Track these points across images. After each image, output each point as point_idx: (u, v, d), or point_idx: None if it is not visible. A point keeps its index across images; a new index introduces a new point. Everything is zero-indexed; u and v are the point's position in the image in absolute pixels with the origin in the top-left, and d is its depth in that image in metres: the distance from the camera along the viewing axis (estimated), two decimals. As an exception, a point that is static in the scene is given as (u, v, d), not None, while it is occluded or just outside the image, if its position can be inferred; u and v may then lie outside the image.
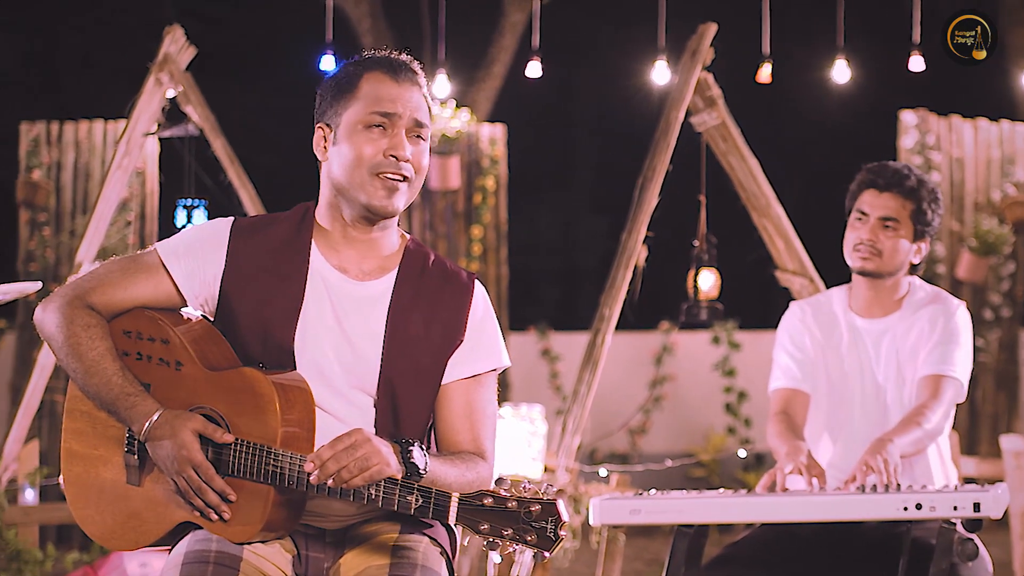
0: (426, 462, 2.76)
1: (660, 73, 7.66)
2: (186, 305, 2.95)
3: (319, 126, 2.96)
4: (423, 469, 2.74)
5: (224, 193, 6.95)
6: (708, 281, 6.25)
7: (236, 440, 2.78)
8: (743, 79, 7.60)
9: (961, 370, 4.03)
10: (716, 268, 6.25)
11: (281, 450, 2.74)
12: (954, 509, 3.40)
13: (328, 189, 2.95)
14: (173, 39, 6.65)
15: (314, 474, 2.68)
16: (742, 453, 9.56)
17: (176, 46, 6.64)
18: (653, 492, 3.74)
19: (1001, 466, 7.11)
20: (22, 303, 8.92)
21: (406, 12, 12.08)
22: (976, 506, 3.39)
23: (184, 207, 7.11)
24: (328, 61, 7.85)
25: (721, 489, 3.91)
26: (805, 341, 4.19)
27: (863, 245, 4.07)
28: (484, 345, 2.98)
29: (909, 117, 9.36)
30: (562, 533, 2.61)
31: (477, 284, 3.02)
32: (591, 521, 3.67)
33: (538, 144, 14.25)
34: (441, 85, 8.41)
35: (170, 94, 6.70)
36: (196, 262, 2.92)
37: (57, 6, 13.69)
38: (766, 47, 7.66)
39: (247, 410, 2.79)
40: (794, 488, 3.79)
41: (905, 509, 3.42)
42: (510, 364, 3.05)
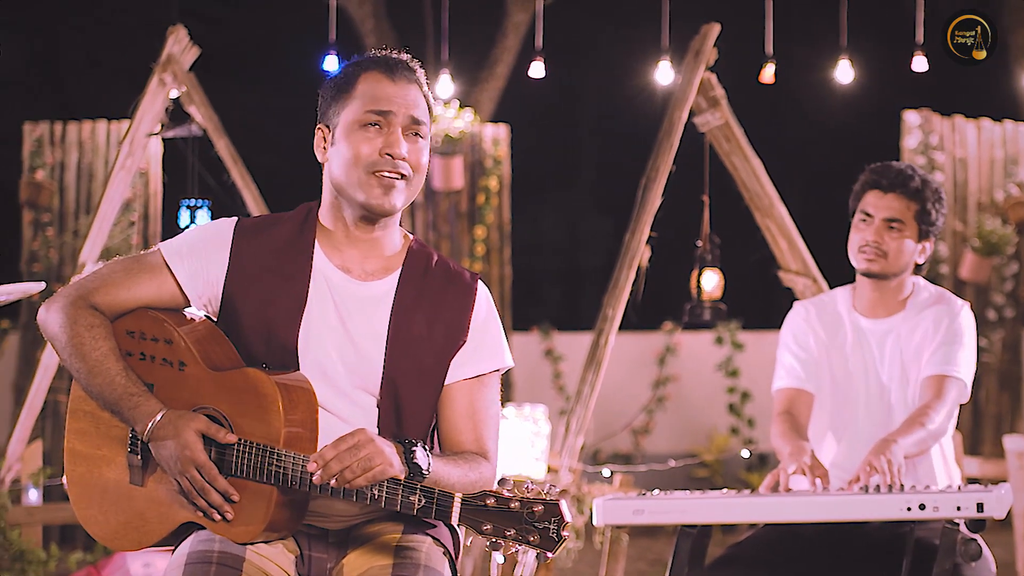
0: (429, 462, 2.76)
1: (663, 73, 7.65)
2: (189, 305, 2.95)
3: (319, 127, 2.97)
4: (426, 469, 2.74)
5: (227, 193, 6.95)
6: (711, 281, 6.25)
7: (239, 440, 2.78)
8: (746, 79, 7.60)
9: (965, 371, 4.03)
10: (719, 268, 6.25)
11: (284, 450, 2.74)
12: (957, 509, 3.40)
13: (329, 189, 2.96)
14: (176, 39, 6.65)
15: (317, 474, 2.68)
16: (745, 453, 9.55)
17: (179, 46, 6.65)
18: (656, 492, 3.74)
19: (1004, 466, 7.10)
20: (25, 303, 8.92)
21: (409, 12, 12.08)
22: (979, 506, 3.39)
23: (187, 207, 7.11)
24: (331, 61, 7.84)
25: (724, 489, 3.91)
26: (809, 341, 4.18)
27: (868, 247, 4.07)
28: (487, 345, 2.98)
29: (912, 117, 9.35)
30: (565, 533, 2.61)
31: (480, 284, 3.02)
32: (594, 521, 3.67)
33: (541, 144, 14.23)
34: (444, 85, 8.41)
35: (173, 94, 6.70)
36: (199, 262, 2.92)
37: (60, 6, 13.69)
38: (769, 47, 7.66)
39: (250, 410, 2.79)
40: (797, 488, 3.79)
41: (908, 509, 3.42)
42: (513, 364, 3.04)
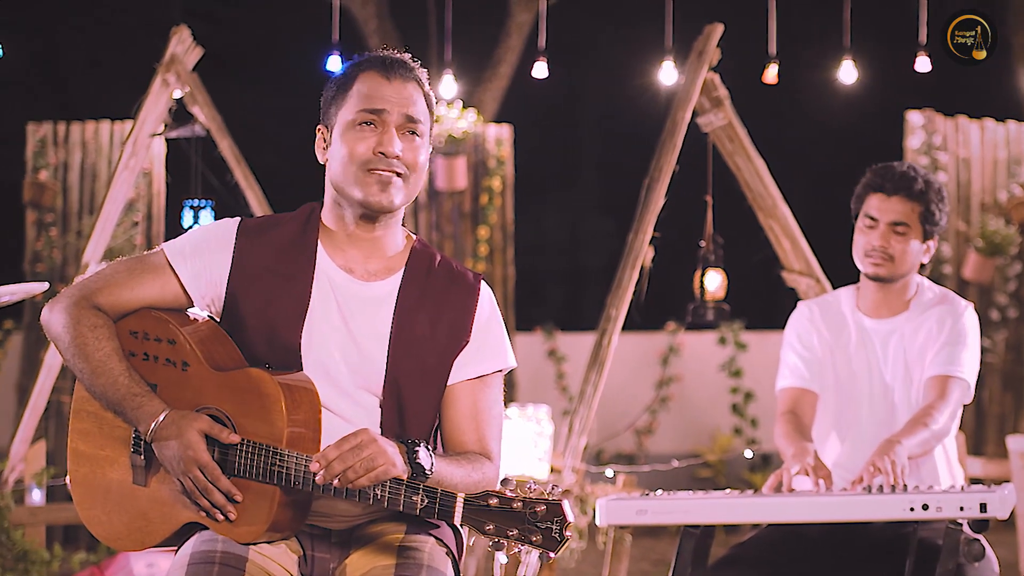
0: (432, 462, 2.76)
1: (667, 74, 7.66)
2: (192, 305, 2.95)
3: (319, 128, 2.99)
4: (429, 469, 2.74)
5: (231, 193, 6.96)
6: (714, 281, 6.25)
7: (242, 440, 2.78)
8: (750, 80, 7.59)
9: (968, 371, 4.03)
10: (722, 268, 6.25)
11: (287, 450, 2.74)
12: (960, 510, 3.40)
13: (330, 189, 2.96)
14: (180, 39, 6.65)
15: (320, 474, 2.68)
16: (748, 454, 9.54)
17: (183, 46, 6.65)
18: (659, 492, 3.74)
19: (1007, 466, 7.10)
20: (29, 304, 8.93)
21: (413, 13, 12.08)
22: (982, 507, 3.39)
23: (191, 207, 7.12)
24: (334, 62, 7.85)
25: (727, 490, 3.91)
26: (813, 340, 4.18)
27: (875, 252, 4.07)
28: (490, 346, 2.98)
29: (916, 118, 9.34)
30: (567, 534, 2.61)
31: (483, 285, 3.02)
32: (598, 521, 3.67)
33: (544, 144, 14.22)
34: (447, 86, 8.41)
35: (177, 95, 6.71)
36: (202, 262, 2.92)
37: (63, 6, 13.69)
38: (772, 48, 7.66)
39: (253, 410, 2.79)
40: (800, 489, 3.79)
41: (911, 510, 3.42)
42: (516, 365, 3.05)
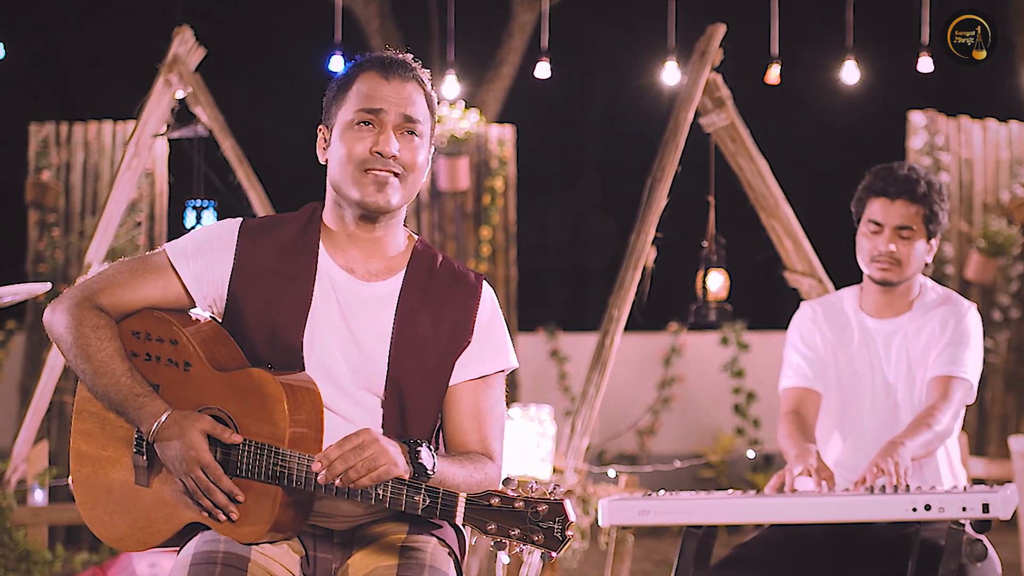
0: (434, 462, 2.76)
1: (669, 74, 7.65)
2: (195, 306, 2.95)
3: (320, 128, 2.99)
4: (431, 469, 2.74)
5: (233, 194, 6.96)
6: (717, 282, 6.25)
7: (244, 441, 2.78)
8: (752, 80, 7.59)
9: (971, 371, 4.03)
10: (725, 269, 6.25)
11: (289, 450, 2.75)
12: (963, 510, 3.39)
13: (331, 190, 2.97)
14: (182, 40, 6.66)
15: (322, 474, 2.68)
16: (751, 454, 9.54)
17: (185, 47, 6.65)
18: (662, 493, 3.74)
19: (1010, 467, 7.09)
20: (31, 304, 8.94)
21: (415, 13, 12.08)
22: (985, 507, 3.38)
23: (193, 208, 7.13)
24: (337, 62, 7.86)
25: (730, 490, 3.91)
26: (816, 340, 4.18)
27: (883, 257, 4.06)
28: (492, 346, 2.98)
29: (918, 118, 9.34)
30: (569, 534, 2.61)
31: (485, 285, 3.02)
32: (600, 522, 3.67)
33: (547, 145, 14.22)
34: (450, 86, 8.41)
35: (179, 95, 6.71)
36: (204, 263, 2.92)
37: (65, 7, 13.70)
38: (775, 48, 7.66)
39: (255, 411, 2.79)
40: (803, 489, 3.79)
41: (914, 510, 3.42)
42: (518, 365, 3.04)
